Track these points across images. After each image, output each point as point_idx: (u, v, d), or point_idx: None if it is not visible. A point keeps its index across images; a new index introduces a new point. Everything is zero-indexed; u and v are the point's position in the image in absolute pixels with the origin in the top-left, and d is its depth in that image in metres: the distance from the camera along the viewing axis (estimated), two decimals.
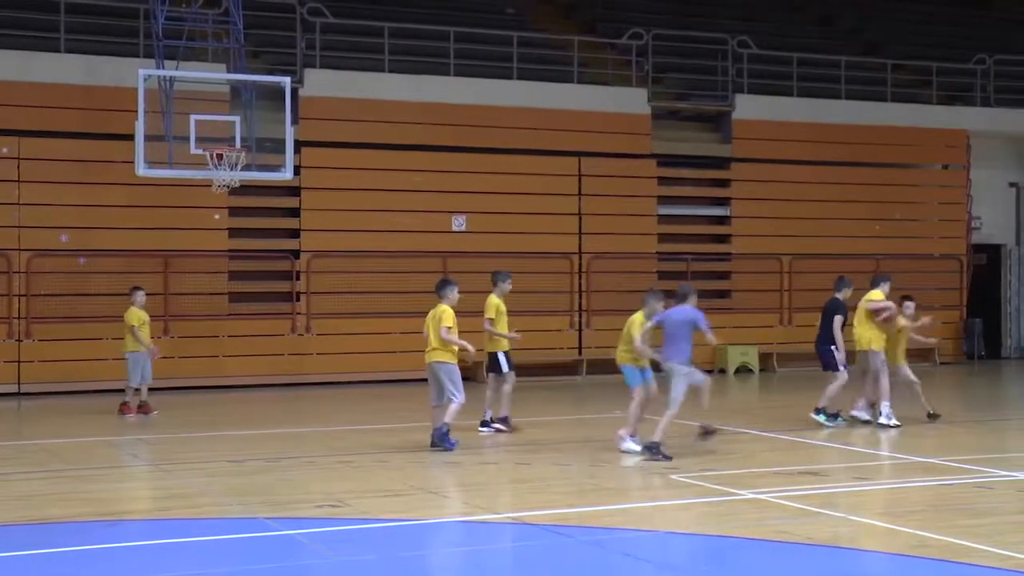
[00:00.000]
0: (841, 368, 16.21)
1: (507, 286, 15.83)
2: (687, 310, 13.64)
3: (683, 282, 15.17)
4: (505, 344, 15.52)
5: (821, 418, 15.91)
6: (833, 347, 16.39)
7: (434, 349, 13.93)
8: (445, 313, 14.07)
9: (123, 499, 11.79)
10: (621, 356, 14.10)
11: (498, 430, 15.32)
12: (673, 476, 12.07)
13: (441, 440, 13.64)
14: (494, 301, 15.57)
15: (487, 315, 15.44)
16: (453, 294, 14.31)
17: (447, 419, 13.73)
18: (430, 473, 12.62)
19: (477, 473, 12.75)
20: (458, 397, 13.76)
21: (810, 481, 12.03)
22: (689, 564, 9.05)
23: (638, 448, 13.42)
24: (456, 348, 13.95)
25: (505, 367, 15.42)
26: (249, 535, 9.79)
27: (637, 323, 13.83)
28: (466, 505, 10.98)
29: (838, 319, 16.59)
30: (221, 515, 10.67)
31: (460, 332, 14.06)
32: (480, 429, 15.33)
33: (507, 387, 15.44)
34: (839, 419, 16.02)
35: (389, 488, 11.71)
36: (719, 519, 10.13)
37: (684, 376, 13.39)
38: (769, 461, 13.29)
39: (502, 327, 15.46)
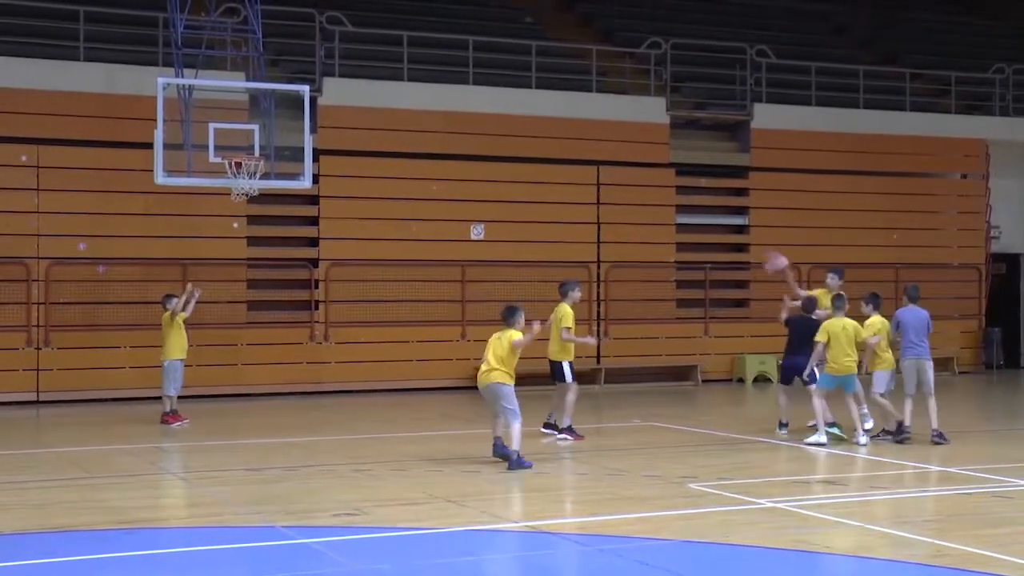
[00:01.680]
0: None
1: (577, 294, 15.96)
2: (923, 310, 15.10)
3: (910, 283, 16.42)
4: (571, 354, 15.74)
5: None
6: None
7: (494, 370, 13.36)
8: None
9: (141, 507, 11.80)
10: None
11: (563, 439, 15.47)
12: (691, 485, 12.05)
13: (518, 465, 13.23)
14: (569, 310, 15.68)
15: (565, 324, 15.54)
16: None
17: (514, 445, 13.25)
18: (448, 482, 12.61)
19: (495, 482, 12.73)
20: (519, 418, 13.38)
21: (828, 490, 12.00)
22: (707, 573, 9.02)
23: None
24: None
25: (569, 377, 15.64)
26: (267, 543, 9.80)
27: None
28: (484, 514, 10.97)
29: None
30: (239, 524, 10.68)
31: (477, 342, 14.08)
32: (543, 430, 15.72)
33: (571, 396, 15.64)
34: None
35: (407, 497, 11.71)
36: (737, 528, 10.10)
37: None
38: (787, 470, 13.26)
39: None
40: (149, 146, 19.07)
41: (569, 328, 15.45)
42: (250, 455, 14.53)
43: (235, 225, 22.25)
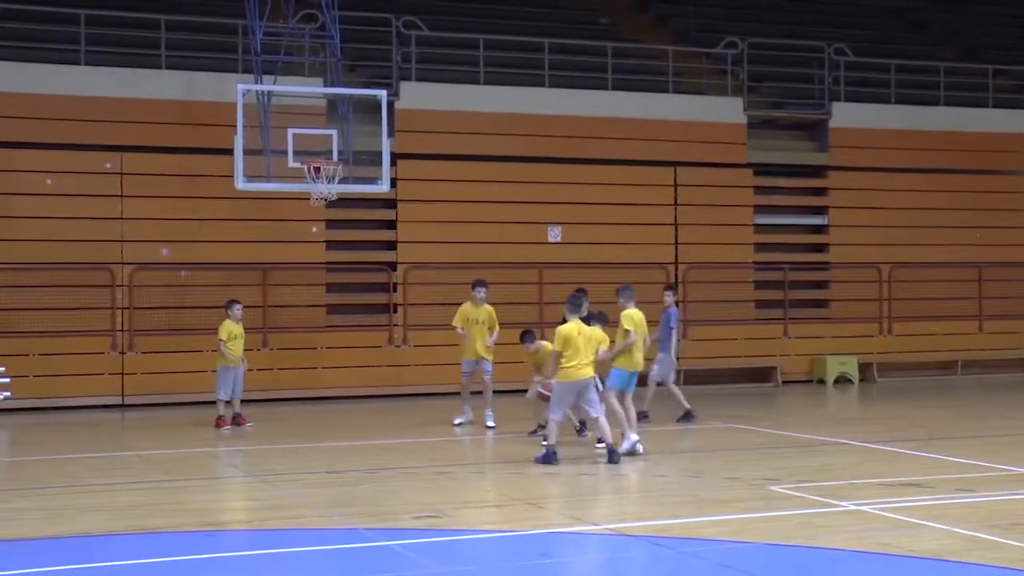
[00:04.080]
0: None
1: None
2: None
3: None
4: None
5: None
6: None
7: (590, 364, 13.75)
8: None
9: (224, 510, 11.95)
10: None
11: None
12: (773, 487, 11.96)
13: (614, 456, 13.61)
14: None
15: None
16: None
17: (608, 438, 13.69)
18: (527, 484, 12.62)
19: (574, 484, 12.72)
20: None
21: (912, 493, 11.84)
22: None
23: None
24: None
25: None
26: (349, 546, 9.87)
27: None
28: (563, 516, 10.96)
29: None
30: (320, 526, 10.76)
31: None
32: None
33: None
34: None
35: (487, 499, 11.74)
36: (819, 531, 10.01)
37: None
38: (870, 472, 13.10)
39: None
40: (229, 152, 19.30)
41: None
42: (330, 457, 14.63)
43: (314, 229, 22.42)
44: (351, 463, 13.95)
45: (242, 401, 18.08)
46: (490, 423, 17.16)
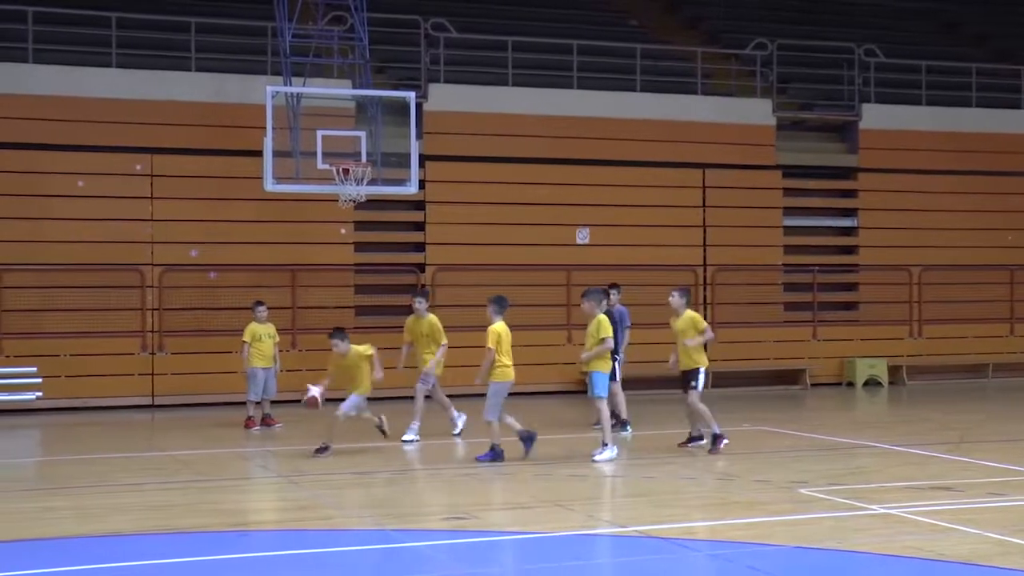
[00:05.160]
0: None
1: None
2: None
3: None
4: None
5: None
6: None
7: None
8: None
9: (254, 510, 11.99)
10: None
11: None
12: (801, 490, 11.92)
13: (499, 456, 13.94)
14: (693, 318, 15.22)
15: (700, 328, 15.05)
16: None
17: (496, 438, 14.05)
18: (555, 486, 12.62)
19: (602, 486, 12.72)
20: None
21: (942, 496, 11.77)
22: None
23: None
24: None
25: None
26: (377, 547, 9.89)
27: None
28: (591, 518, 10.96)
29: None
30: (350, 527, 10.79)
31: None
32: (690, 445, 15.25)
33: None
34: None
35: (515, 501, 11.74)
36: (848, 534, 9.97)
37: None
38: (899, 475, 13.04)
39: None
40: (258, 154, 19.39)
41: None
42: (359, 458, 14.65)
43: (343, 231, 22.49)
44: (379, 464, 13.97)
45: (271, 402, 18.15)
46: (410, 435, 16.02)
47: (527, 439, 14.08)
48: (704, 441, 14.95)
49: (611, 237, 23.84)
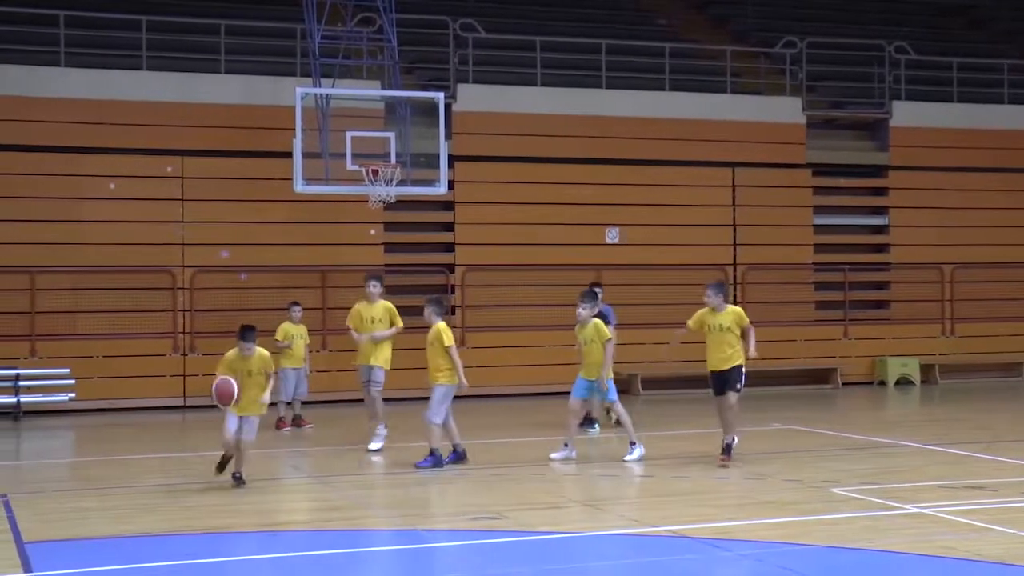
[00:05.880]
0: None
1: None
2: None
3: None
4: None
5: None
6: None
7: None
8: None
9: (284, 510, 12.01)
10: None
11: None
12: (833, 489, 11.86)
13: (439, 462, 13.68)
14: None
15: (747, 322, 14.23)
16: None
17: (436, 443, 13.74)
18: (585, 486, 12.59)
19: (633, 486, 12.69)
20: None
21: (976, 496, 11.68)
22: None
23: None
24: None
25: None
26: (407, 547, 9.89)
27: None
28: (622, 518, 10.93)
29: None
30: (379, 527, 10.79)
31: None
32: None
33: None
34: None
35: (545, 500, 11.72)
36: (881, 534, 9.91)
37: None
38: (932, 475, 12.95)
39: None
40: (288, 155, 19.44)
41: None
42: (389, 459, 14.66)
43: (372, 232, 22.52)
44: (409, 464, 13.96)
45: (302, 403, 18.20)
46: (376, 444, 15.16)
47: (461, 454, 13.75)
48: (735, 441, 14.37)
49: (641, 237, 23.79)
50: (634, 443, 14.03)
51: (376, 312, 15.47)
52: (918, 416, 20.78)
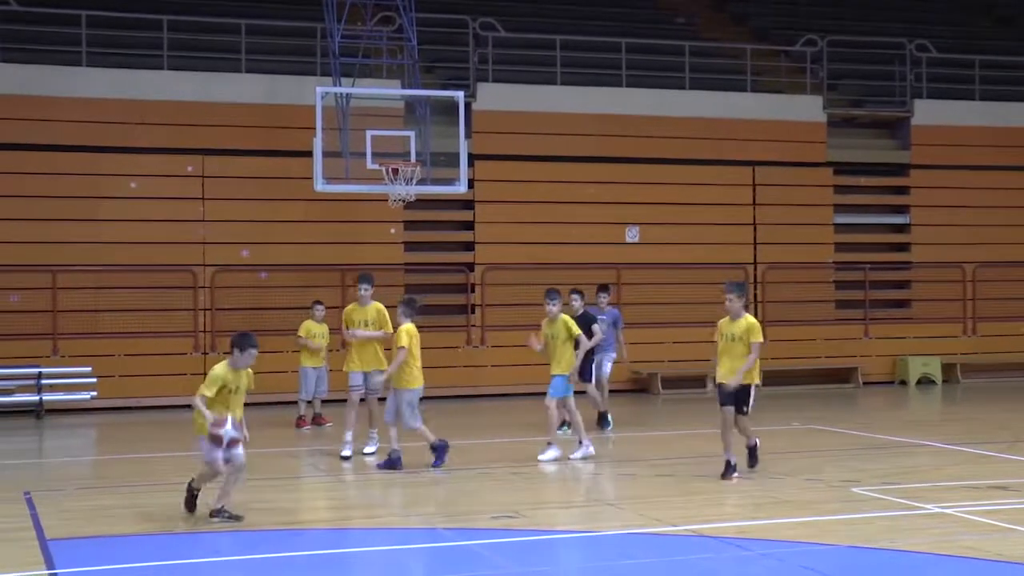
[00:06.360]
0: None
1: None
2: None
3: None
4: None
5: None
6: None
7: None
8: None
9: (304, 509, 12.04)
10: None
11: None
12: (854, 489, 11.83)
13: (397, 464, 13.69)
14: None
15: (758, 339, 13.03)
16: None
17: (395, 443, 13.79)
18: (605, 485, 12.59)
19: (653, 485, 12.67)
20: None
21: (998, 496, 11.64)
22: None
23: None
24: None
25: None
26: (427, 545, 9.90)
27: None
28: (642, 517, 10.92)
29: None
30: (399, 525, 10.80)
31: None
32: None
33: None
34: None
35: (564, 500, 11.72)
36: (903, 534, 9.88)
37: None
38: (955, 475, 12.91)
39: None
40: (308, 154, 19.48)
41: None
42: (408, 457, 14.66)
43: (392, 231, 22.55)
44: (428, 463, 13.98)
45: (322, 401, 18.24)
46: (370, 448, 14.86)
47: (396, 460, 13.58)
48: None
49: (661, 235, 23.76)
50: (556, 445, 14.00)
51: (368, 315, 15.10)
52: (939, 416, 20.71)
